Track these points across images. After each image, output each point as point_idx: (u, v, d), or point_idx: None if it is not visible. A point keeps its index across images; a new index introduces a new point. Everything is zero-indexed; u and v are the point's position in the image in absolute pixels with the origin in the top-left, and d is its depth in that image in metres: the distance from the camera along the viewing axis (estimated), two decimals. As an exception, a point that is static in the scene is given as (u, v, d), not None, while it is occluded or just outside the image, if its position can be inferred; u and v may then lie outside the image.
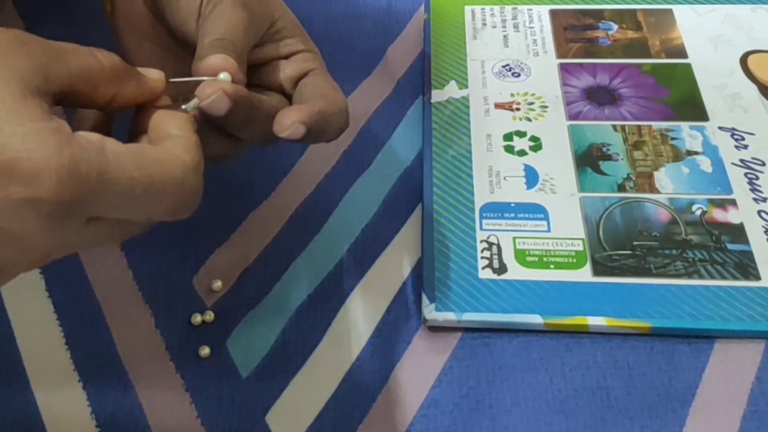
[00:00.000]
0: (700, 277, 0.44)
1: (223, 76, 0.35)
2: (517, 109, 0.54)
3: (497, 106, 0.54)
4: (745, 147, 0.51)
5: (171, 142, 0.32)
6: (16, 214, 0.27)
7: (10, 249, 0.28)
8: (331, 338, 0.44)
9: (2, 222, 0.27)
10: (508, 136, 0.52)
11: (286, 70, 0.40)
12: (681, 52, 0.57)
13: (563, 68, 0.56)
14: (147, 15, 0.41)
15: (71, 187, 0.27)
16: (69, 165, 0.27)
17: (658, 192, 0.48)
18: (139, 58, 0.41)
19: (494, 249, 0.46)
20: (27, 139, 0.27)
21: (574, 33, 0.59)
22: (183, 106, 0.34)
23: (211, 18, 0.37)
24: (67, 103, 0.31)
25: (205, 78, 0.35)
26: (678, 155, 0.50)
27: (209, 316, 0.44)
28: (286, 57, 0.40)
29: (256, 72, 0.40)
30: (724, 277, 0.44)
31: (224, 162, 0.39)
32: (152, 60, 0.41)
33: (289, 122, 0.35)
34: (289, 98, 0.40)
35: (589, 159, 0.50)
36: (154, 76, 0.34)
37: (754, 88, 0.54)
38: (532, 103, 0.54)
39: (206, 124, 0.35)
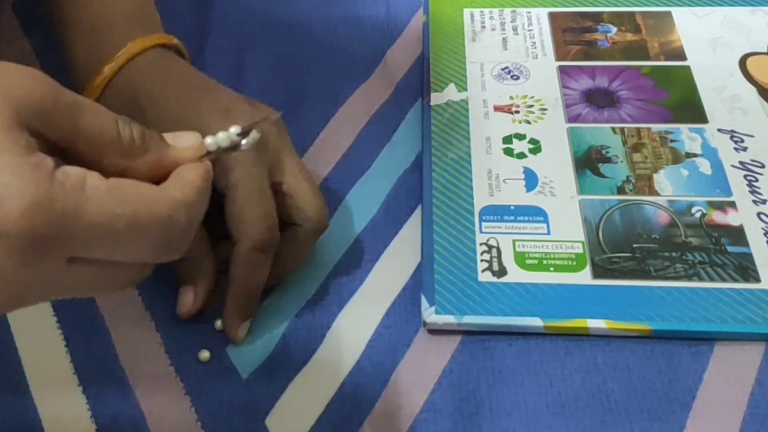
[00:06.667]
0: (700, 279, 0.44)
1: (234, 129, 0.33)
2: (517, 112, 0.54)
3: (496, 108, 0.54)
4: (745, 149, 0.51)
5: (171, 181, 0.31)
6: None
7: None
8: (331, 341, 0.44)
9: None
10: (507, 139, 0.52)
11: None
12: (680, 55, 0.57)
13: (562, 71, 0.56)
14: None
15: (44, 224, 0.26)
16: (44, 202, 0.26)
17: (658, 194, 0.48)
18: None
19: (494, 252, 0.46)
20: (4, 171, 0.26)
21: (573, 35, 0.59)
22: (243, 141, 0.32)
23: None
24: (70, 160, 0.29)
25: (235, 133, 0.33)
26: (677, 157, 0.50)
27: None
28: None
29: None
30: (723, 280, 0.44)
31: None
32: None
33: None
34: None
35: (588, 161, 0.50)
36: (186, 143, 0.32)
37: (753, 90, 0.54)
38: (531, 106, 0.54)
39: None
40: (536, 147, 0.51)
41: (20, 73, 0.28)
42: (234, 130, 0.33)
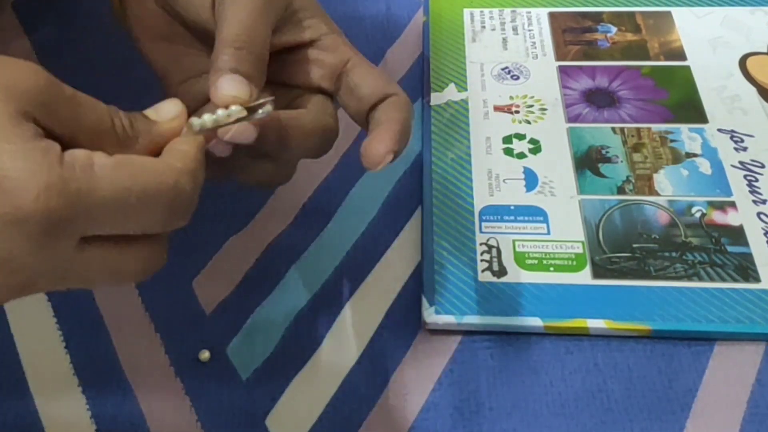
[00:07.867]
0: (700, 279, 0.44)
1: (235, 108, 0.33)
2: (517, 112, 0.54)
3: (496, 108, 0.54)
4: (745, 149, 0.51)
5: (168, 154, 0.32)
6: (2, 233, 0.27)
7: None
8: (331, 341, 0.44)
9: None
10: (507, 139, 0.52)
11: (320, 68, 0.38)
12: (680, 55, 0.57)
13: (562, 71, 0.56)
14: (160, 14, 0.40)
15: (60, 206, 0.27)
16: (58, 184, 0.27)
17: (658, 194, 0.48)
18: (158, 60, 0.40)
19: (494, 252, 0.46)
20: (16, 157, 0.26)
21: (573, 35, 0.59)
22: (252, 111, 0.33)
23: (225, 5, 0.35)
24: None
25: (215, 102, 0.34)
26: (677, 157, 0.50)
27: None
28: (310, 42, 0.38)
29: (285, 68, 0.38)
30: (723, 280, 0.44)
31: (271, 185, 0.38)
32: (172, 60, 0.40)
33: (379, 157, 0.35)
34: (326, 93, 0.38)
35: (588, 161, 0.50)
36: (168, 114, 0.33)
37: (753, 90, 0.54)
38: (531, 106, 0.54)
39: (244, 149, 0.35)
40: (536, 147, 0.51)
41: (21, 65, 0.29)
42: (221, 113, 0.33)
